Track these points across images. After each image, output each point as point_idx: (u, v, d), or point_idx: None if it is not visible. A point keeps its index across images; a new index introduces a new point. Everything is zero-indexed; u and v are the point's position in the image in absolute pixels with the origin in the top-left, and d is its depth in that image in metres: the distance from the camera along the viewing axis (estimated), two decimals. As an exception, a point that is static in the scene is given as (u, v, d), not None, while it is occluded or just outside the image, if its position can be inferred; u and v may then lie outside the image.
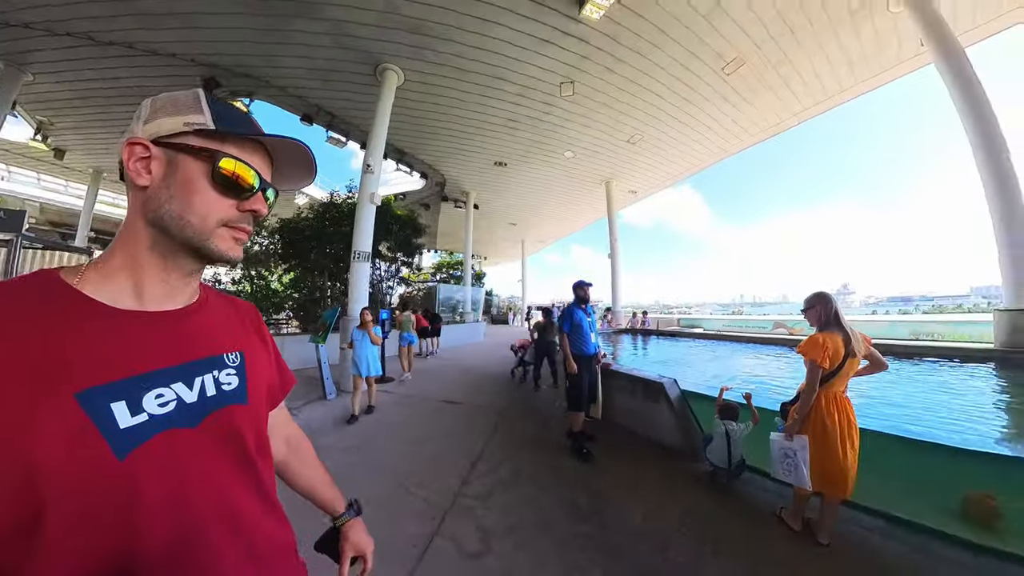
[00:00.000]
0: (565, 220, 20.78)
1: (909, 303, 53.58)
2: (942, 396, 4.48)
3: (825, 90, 9.82)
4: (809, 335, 2.11)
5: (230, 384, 0.56)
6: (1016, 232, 6.11)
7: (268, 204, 0.58)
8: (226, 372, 0.57)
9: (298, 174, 0.62)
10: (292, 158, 0.59)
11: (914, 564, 1.86)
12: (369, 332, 4.49)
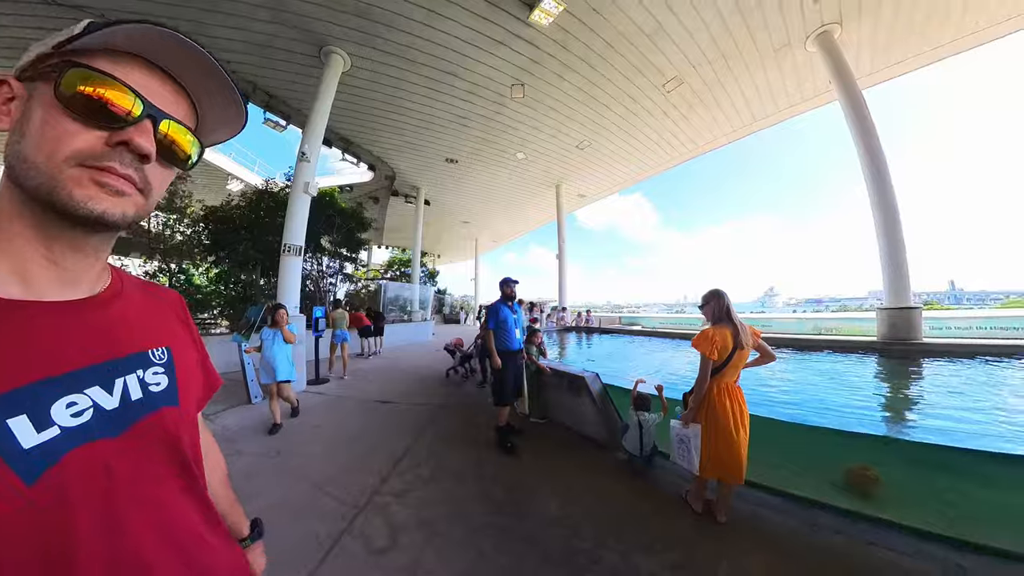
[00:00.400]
0: (518, 220, 21.07)
1: (821, 304, 61.95)
2: (832, 383, 5.14)
3: (752, 114, 10.81)
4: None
5: (158, 384, 0.48)
6: (892, 245, 7.17)
7: (171, 146, 0.44)
8: (153, 371, 0.48)
9: (226, 117, 0.51)
10: (212, 96, 0.48)
11: (800, 534, 2.06)
12: (282, 330, 3.96)
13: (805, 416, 3.73)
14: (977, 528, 1.99)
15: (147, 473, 0.43)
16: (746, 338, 2.13)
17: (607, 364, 7.88)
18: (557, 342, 11.23)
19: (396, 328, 11.83)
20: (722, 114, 10.57)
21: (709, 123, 10.97)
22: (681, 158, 13.04)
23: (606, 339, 11.50)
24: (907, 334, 6.81)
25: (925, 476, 2.32)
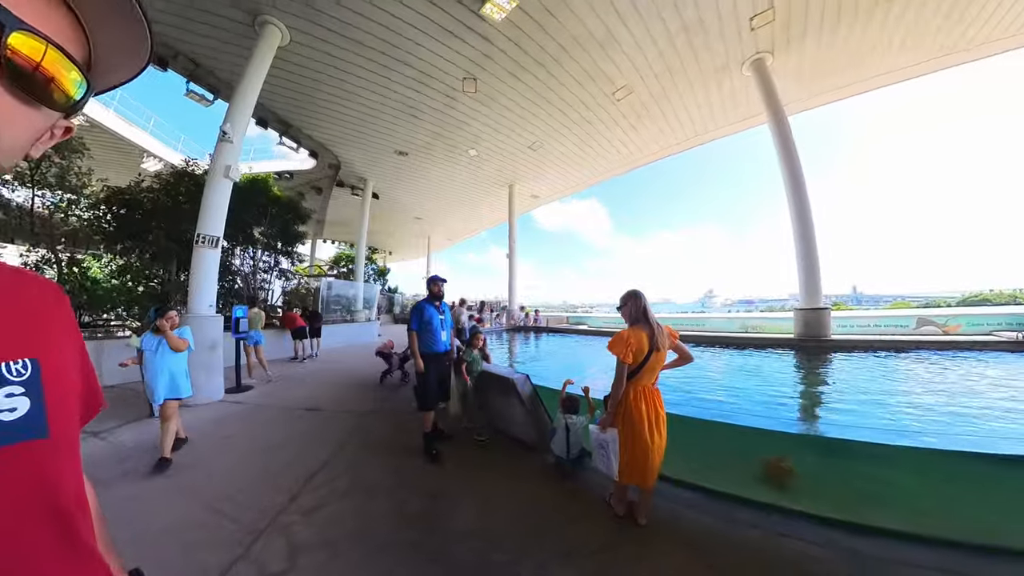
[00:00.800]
0: (472, 218, 20.83)
1: (751, 304, 68.24)
2: (755, 378, 5.51)
3: (695, 129, 11.47)
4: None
5: (14, 411, 0.34)
6: (807, 253, 7.93)
7: (35, 74, 0.32)
8: (5, 392, 0.35)
9: (125, 43, 0.38)
10: (107, 15, 0.35)
11: (717, 531, 2.10)
12: (168, 337, 3.08)
13: (733, 411, 3.93)
14: (872, 512, 2.12)
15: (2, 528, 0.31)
16: (662, 340, 2.08)
17: (548, 364, 7.94)
18: (508, 341, 11.20)
19: (338, 329, 11.15)
20: (668, 126, 11.12)
21: (656, 134, 11.49)
22: (630, 165, 13.57)
23: (553, 338, 11.65)
24: (818, 331, 7.57)
25: (830, 466, 2.48)
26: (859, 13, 7.68)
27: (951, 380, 4.93)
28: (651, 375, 2.12)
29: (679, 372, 2.39)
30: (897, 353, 6.52)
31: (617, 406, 2.10)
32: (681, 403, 4.22)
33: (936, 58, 9.15)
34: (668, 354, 2.19)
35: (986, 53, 9.00)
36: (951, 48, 8.84)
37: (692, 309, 51.17)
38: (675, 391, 4.63)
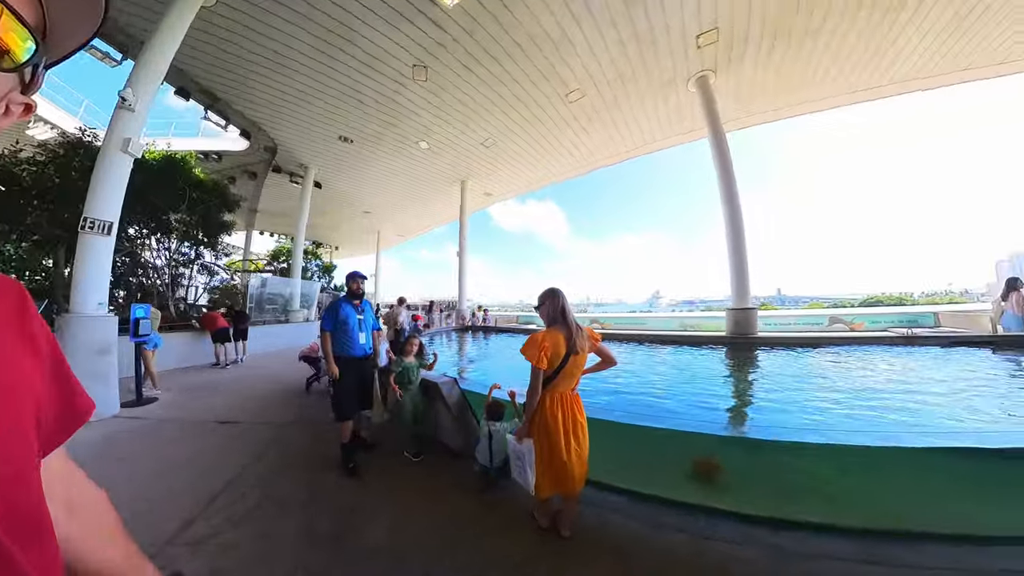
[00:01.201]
0: (424, 214, 20.19)
1: (693, 304, 73.01)
2: (686, 374, 5.77)
3: (643, 138, 11.91)
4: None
5: None
6: (738, 259, 8.49)
7: None
8: None
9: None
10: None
11: (643, 537, 2.05)
12: None
13: (662, 411, 4.02)
14: (793, 506, 2.17)
15: None
16: (582, 342, 1.93)
17: (491, 364, 7.83)
18: (457, 341, 10.91)
19: (271, 331, 10.26)
20: (618, 133, 11.45)
21: (606, 139, 11.79)
22: (582, 169, 13.85)
23: (502, 338, 11.53)
24: (747, 329, 8.12)
25: (753, 463, 2.54)
26: (791, 44, 8.35)
27: (860, 374, 5.44)
28: (569, 381, 1.97)
29: (615, 369, 2.33)
30: (813, 349, 7.15)
31: (532, 415, 1.95)
32: (611, 403, 4.28)
33: (856, 92, 10.25)
34: (589, 357, 2.07)
35: (900, 91, 10.28)
36: (868, 84, 9.95)
37: (640, 308, 53.86)
38: (602, 393, 4.70)
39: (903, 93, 10.32)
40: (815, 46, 8.54)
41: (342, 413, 2.92)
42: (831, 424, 3.52)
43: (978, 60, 8.99)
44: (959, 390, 4.19)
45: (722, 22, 7.51)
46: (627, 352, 7.84)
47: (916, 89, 10.17)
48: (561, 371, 1.91)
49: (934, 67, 9.31)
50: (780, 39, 8.24)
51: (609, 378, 5.34)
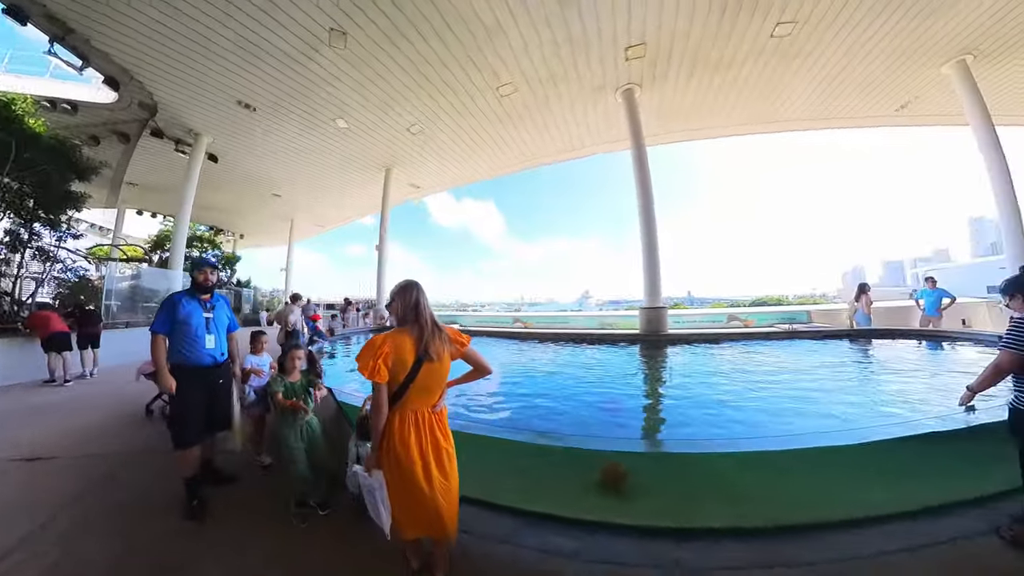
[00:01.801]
0: (347, 204, 18.42)
1: (619, 304, 77.47)
2: (596, 372, 5.83)
3: (572, 142, 12.14)
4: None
5: None
6: (651, 263, 9.00)
7: None
8: None
9: None
10: None
11: (532, 567, 1.79)
12: None
13: (564, 417, 3.92)
14: (697, 512, 2.07)
15: None
16: (438, 347, 1.55)
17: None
18: (338, 346, 10.01)
19: (141, 336, 8.37)
20: (548, 134, 11.51)
21: (537, 139, 11.80)
22: (513, 167, 13.72)
23: None
24: (658, 327, 8.62)
25: (656, 472, 2.42)
26: (706, 72, 9.10)
27: (754, 366, 5.94)
28: (425, 396, 1.57)
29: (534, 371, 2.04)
30: (715, 344, 7.78)
31: (379, 440, 1.55)
32: (514, 411, 4.08)
33: (756, 124, 11.58)
34: (459, 365, 1.72)
35: (794, 128, 12.01)
36: (767, 118, 11.28)
37: (571, 308, 55.82)
38: (513, 399, 4.50)
39: (787, 131, 11.97)
40: (724, 79, 9.41)
41: (182, 438, 2.28)
42: (734, 421, 3.68)
43: (836, 113, 10.90)
44: (835, 376, 5.12)
45: (649, 39, 7.84)
46: (548, 352, 7.82)
47: (796, 129, 11.88)
48: (411, 384, 1.51)
49: (809, 113, 10.95)
50: (697, 67, 8.92)
51: (523, 383, 5.18)
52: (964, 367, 5.08)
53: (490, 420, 3.79)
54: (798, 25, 7.70)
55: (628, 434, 3.41)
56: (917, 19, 7.50)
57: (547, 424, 3.68)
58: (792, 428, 3.47)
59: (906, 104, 10.73)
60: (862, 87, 9.94)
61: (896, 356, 6.20)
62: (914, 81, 9.74)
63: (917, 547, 1.83)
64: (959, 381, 3.40)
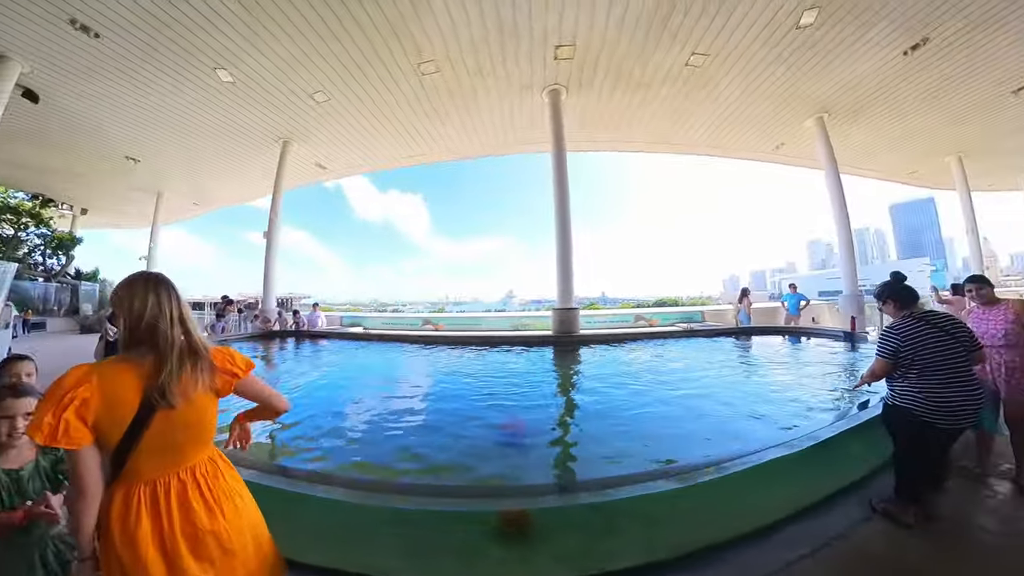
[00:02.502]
0: (235, 180, 15.22)
1: (540, 303, 78.88)
2: (505, 383, 5.23)
3: (496, 140, 11.82)
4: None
5: None
6: (564, 266, 9.10)
7: None
8: None
9: None
10: None
11: None
12: None
13: (470, 447, 3.22)
14: (608, 552, 1.72)
15: None
16: (185, 383, 0.98)
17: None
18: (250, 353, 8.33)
19: None
20: (472, 127, 11.02)
21: (461, 131, 11.23)
22: (433, 156, 12.88)
23: (309, 347, 9.07)
24: (570, 328, 8.69)
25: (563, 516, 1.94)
26: (628, 88, 9.53)
27: (659, 366, 6.08)
28: (170, 458, 0.99)
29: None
30: (622, 344, 7.94)
31: (88, 533, 0.92)
32: (390, 443, 3.29)
33: (664, 144, 12.56)
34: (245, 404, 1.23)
35: (694, 152, 13.36)
36: (673, 140, 12.29)
37: (495, 307, 55.65)
38: (386, 426, 3.90)
39: (688, 153, 13.29)
40: (643, 98, 9.96)
41: None
42: (643, 436, 3.36)
43: (727, 144, 12.52)
44: (732, 375, 5.64)
45: (580, 41, 7.84)
46: (455, 358, 7.20)
47: (695, 153, 13.31)
48: (136, 443, 0.93)
49: (707, 140, 12.29)
50: (621, 82, 9.27)
51: (412, 401, 4.49)
52: (825, 360, 6.21)
53: (335, 462, 2.86)
54: (710, 58, 8.41)
55: (526, 471, 2.75)
56: (797, 75, 8.94)
57: (435, 456, 2.96)
58: (688, 435, 3.39)
59: (780, 145, 12.58)
60: (750, 125, 11.37)
61: (777, 351, 7.36)
62: (788, 127, 11.44)
63: (817, 549, 1.85)
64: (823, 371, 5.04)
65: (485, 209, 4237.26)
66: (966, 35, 7.53)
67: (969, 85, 9.36)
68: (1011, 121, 11.37)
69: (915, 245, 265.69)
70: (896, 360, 2.11)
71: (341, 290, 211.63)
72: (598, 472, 2.59)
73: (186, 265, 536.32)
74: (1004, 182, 17.59)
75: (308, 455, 3.01)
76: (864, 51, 8.08)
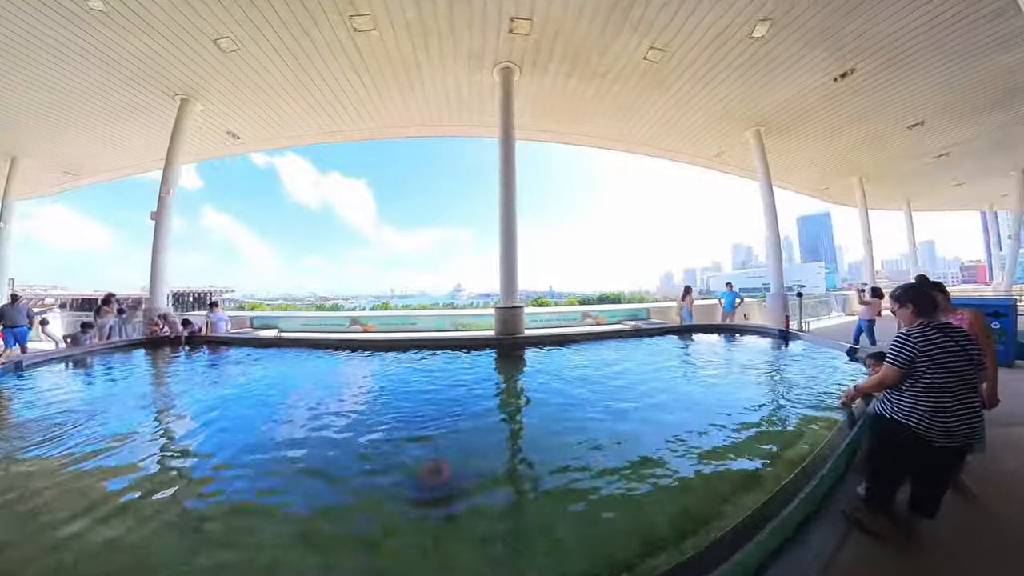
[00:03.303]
0: (118, 143, 12.11)
1: (489, 297, 75.93)
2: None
3: (442, 115, 10.79)
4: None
5: None
6: (508, 261, 8.52)
7: None
8: None
9: None
10: None
11: None
12: None
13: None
14: None
15: None
16: None
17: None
18: (108, 370, 6.71)
19: None
20: (413, 99, 9.84)
21: (399, 103, 10.00)
22: (367, 131, 11.38)
23: (190, 360, 7.17)
24: (514, 329, 8.14)
25: None
26: (583, 78, 9.12)
27: (609, 375, 5.47)
28: None
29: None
30: (568, 345, 7.53)
31: None
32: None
33: (611, 140, 12.41)
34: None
35: (639, 152, 13.29)
36: (620, 137, 12.20)
37: (443, 300, 53.56)
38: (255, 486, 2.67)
39: (633, 152, 13.33)
40: (597, 90, 9.62)
41: None
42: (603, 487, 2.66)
43: (672, 146, 12.84)
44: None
45: (537, 17, 7.17)
46: (381, 368, 6.18)
47: (640, 152, 13.38)
48: None
49: (653, 141, 12.47)
50: (576, 69, 8.80)
51: (308, 438, 3.36)
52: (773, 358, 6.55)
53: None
54: (666, 56, 8.23)
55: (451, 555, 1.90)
56: (743, 86, 9.34)
57: (320, 530, 2.04)
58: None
59: (720, 153, 13.05)
60: (694, 129, 11.61)
61: (726, 351, 7.50)
62: (728, 137, 11.88)
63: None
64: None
65: (435, 199, 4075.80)
66: (885, 71, 8.66)
67: (878, 117, 10.77)
68: (903, 151, 13.35)
69: (814, 250, 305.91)
70: (909, 370, 1.95)
71: (274, 283, 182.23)
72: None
73: (77, 251, 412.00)
74: (891, 202, 20.23)
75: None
76: (803, 70, 8.76)
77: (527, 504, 2.35)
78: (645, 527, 2.02)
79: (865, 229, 16.82)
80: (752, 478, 2.47)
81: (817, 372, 5.17)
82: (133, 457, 2.91)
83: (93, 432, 3.39)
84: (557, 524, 2.07)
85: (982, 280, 58.12)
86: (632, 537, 1.92)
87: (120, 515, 2.11)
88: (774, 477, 2.38)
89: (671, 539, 1.88)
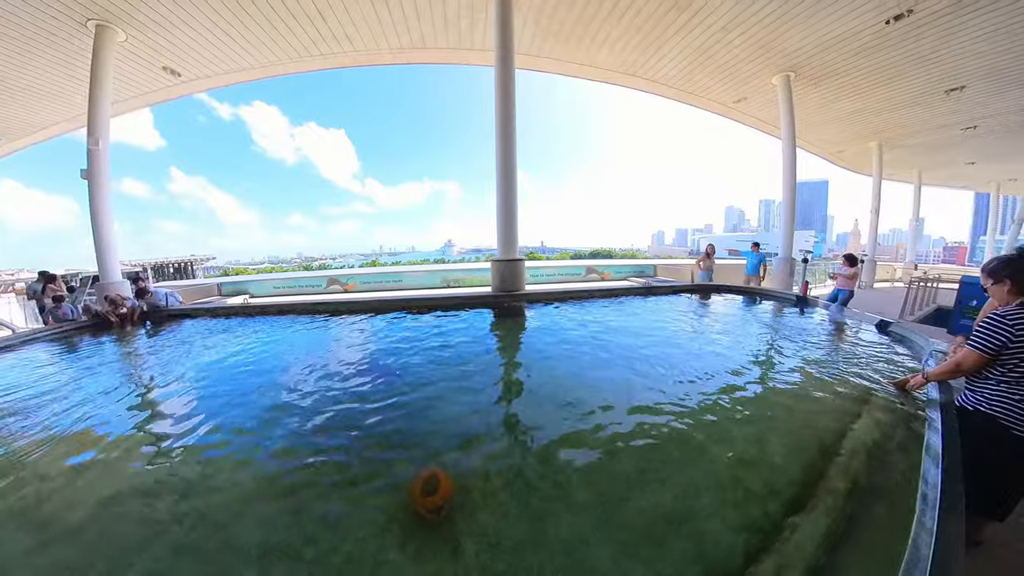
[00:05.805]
0: (41, 95, 9.40)
1: (480, 252, 73.60)
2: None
3: (423, 34, 9.00)
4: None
5: None
6: (507, 206, 7.45)
7: None
8: None
9: None
10: None
11: None
12: None
13: None
14: None
15: None
16: None
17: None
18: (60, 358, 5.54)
19: None
20: (387, 12, 8.15)
21: (369, 14, 8.19)
22: (333, 58, 9.50)
23: (133, 340, 5.60)
24: (514, 285, 7.27)
25: None
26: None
27: (640, 343, 4.27)
28: None
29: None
30: (582, 303, 6.75)
31: None
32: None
33: (625, 75, 10.75)
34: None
35: (654, 91, 11.69)
36: (636, 72, 10.58)
37: (434, 257, 52.84)
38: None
39: (648, 91, 11.68)
40: (614, 7, 8.05)
41: None
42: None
43: (691, 88, 11.35)
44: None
45: None
46: (360, 338, 5.03)
47: (655, 92, 11.73)
48: None
49: (672, 80, 10.95)
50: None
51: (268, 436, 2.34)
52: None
53: None
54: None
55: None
56: (783, 18, 7.88)
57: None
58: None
59: (742, 99, 11.63)
60: (718, 69, 10.14)
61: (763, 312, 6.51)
62: (755, 79, 10.45)
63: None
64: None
65: (420, 151, 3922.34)
66: (945, 17, 7.36)
67: (917, 75, 9.63)
68: (933, 118, 12.26)
69: (807, 219, 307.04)
70: (997, 358, 1.73)
71: (257, 247, 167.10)
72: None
73: (41, 229, 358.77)
74: (902, 172, 19.27)
75: None
76: (853, 8, 7.41)
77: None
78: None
79: (876, 196, 15.97)
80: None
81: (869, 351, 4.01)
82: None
83: None
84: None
85: (961, 262, 59.59)
86: None
87: None
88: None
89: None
